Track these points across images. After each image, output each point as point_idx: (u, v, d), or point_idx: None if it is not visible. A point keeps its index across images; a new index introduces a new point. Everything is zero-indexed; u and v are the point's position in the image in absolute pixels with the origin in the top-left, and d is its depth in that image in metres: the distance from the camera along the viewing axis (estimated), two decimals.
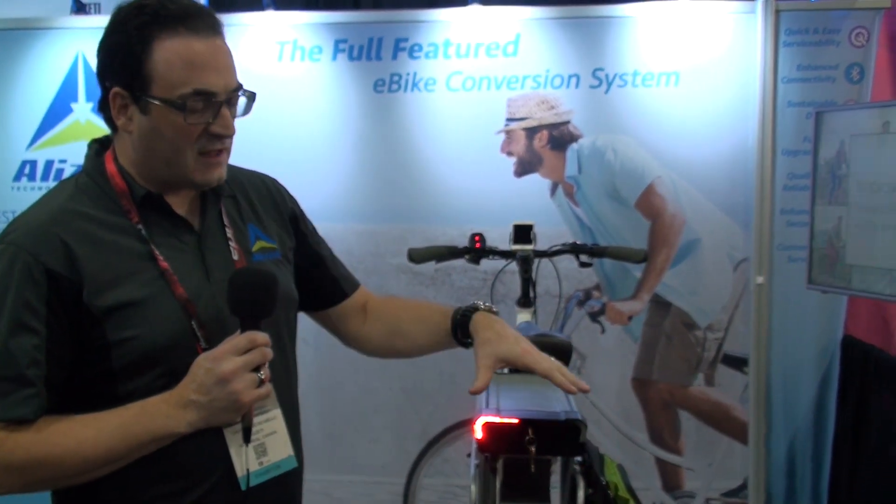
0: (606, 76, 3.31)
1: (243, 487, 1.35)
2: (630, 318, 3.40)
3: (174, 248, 1.36)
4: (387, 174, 3.40)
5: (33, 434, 1.24)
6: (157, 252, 1.33)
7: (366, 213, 3.39)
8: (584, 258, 2.45)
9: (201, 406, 1.27)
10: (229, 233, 1.44)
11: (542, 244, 2.44)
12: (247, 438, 1.33)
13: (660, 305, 3.39)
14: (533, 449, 1.42)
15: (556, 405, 1.52)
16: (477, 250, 2.40)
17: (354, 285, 1.70)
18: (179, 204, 1.40)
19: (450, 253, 2.43)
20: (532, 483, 1.48)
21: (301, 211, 1.63)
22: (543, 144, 3.36)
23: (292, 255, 1.56)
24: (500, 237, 2.46)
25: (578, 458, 1.62)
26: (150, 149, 1.33)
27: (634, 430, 3.43)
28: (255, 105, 1.41)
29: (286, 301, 1.48)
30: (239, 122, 1.39)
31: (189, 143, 1.31)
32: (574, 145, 3.34)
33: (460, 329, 1.52)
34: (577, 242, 2.45)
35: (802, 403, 3.35)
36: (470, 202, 3.35)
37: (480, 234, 2.40)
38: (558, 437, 1.45)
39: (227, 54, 1.35)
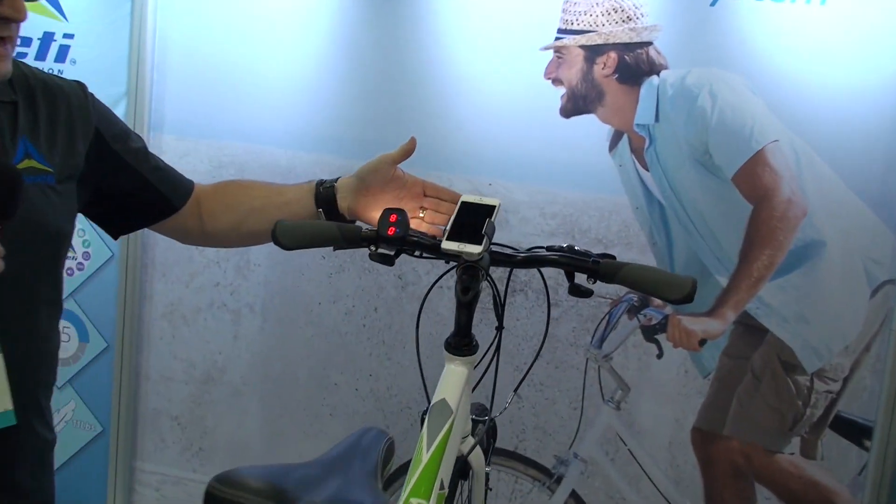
0: None
1: None
2: (703, 342, 2.42)
3: None
4: (381, 96, 2.59)
5: None
6: None
7: (344, 143, 2.61)
8: (580, 280, 1.39)
9: None
10: None
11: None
12: None
13: (750, 331, 2.39)
14: None
15: None
16: (389, 239, 1.35)
17: (185, 194, 1.62)
18: None
19: (332, 238, 1.39)
20: None
21: (112, 125, 1.53)
22: (609, 73, 2.38)
23: (90, 180, 1.47)
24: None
25: None
26: None
27: (685, 501, 2.47)
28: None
29: (47, 234, 1.39)
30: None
31: None
32: (654, 79, 2.36)
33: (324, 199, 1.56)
34: (575, 248, 1.35)
35: None
36: (491, 146, 2.49)
37: (399, 212, 1.35)
38: None
39: None
